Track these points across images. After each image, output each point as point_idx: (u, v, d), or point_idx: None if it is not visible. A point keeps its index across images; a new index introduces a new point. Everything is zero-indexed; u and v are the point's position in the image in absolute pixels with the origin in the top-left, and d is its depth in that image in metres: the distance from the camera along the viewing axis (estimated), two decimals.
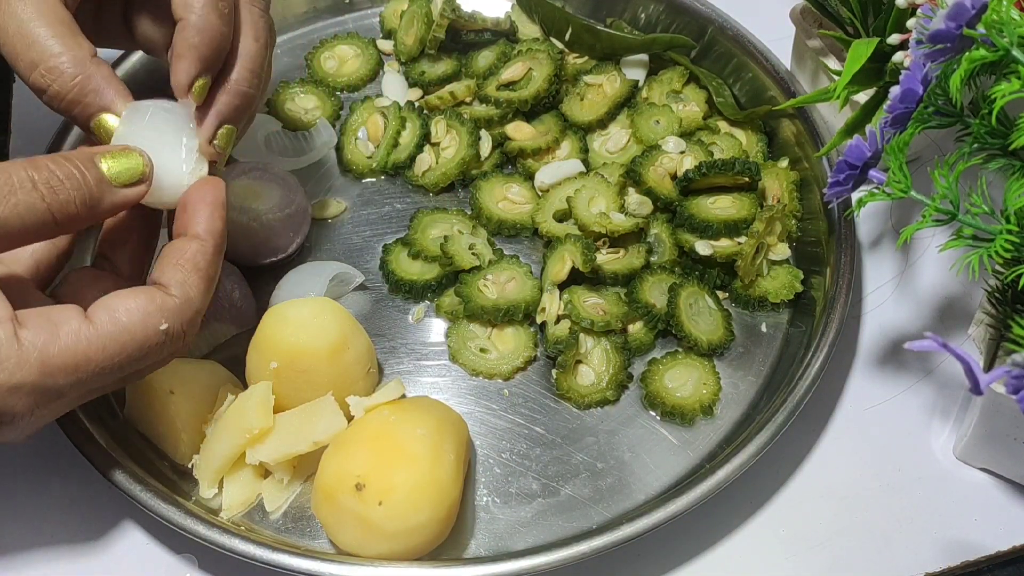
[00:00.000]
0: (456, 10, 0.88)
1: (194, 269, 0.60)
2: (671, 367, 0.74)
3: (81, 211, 0.57)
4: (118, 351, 0.56)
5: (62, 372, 0.54)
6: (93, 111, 0.62)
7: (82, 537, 0.68)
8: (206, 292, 0.61)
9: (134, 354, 0.57)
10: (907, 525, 0.69)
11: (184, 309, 0.59)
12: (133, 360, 0.57)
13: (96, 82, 0.61)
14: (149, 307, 0.57)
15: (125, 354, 0.56)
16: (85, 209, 0.57)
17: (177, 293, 0.59)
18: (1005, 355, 0.64)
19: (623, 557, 0.68)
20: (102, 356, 0.55)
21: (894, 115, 0.60)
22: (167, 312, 0.58)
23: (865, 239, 0.83)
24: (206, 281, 0.61)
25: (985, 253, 0.57)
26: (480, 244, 0.78)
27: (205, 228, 0.61)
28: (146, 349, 0.57)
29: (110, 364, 0.56)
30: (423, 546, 0.64)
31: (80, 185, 0.57)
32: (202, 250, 0.61)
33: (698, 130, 0.85)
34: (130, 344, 0.56)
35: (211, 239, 0.61)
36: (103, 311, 0.56)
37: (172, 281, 0.59)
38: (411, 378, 0.75)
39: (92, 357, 0.55)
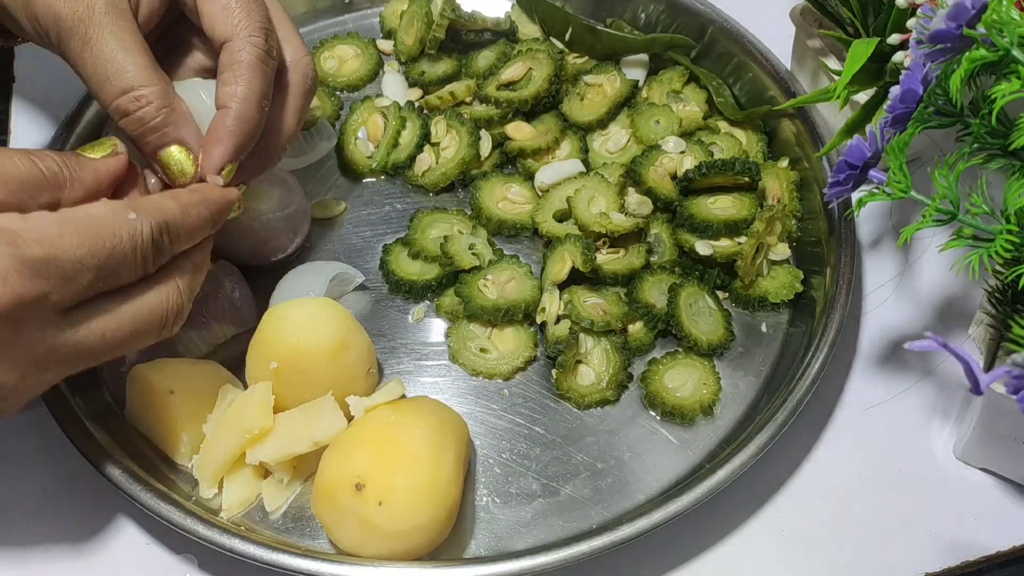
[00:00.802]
0: (456, 10, 0.88)
1: (172, 196, 0.62)
2: (671, 367, 0.74)
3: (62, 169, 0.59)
4: (89, 232, 0.55)
5: (35, 242, 0.53)
6: (168, 141, 0.64)
7: (82, 537, 0.68)
8: (177, 214, 0.61)
9: (107, 242, 0.56)
10: (907, 525, 0.69)
11: (152, 211, 0.59)
12: (107, 250, 0.56)
13: (177, 115, 0.64)
14: (116, 205, 0.58)
15: (96, 238, 0.56)
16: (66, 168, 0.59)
17: (145, 201, 0.60)
18: (1005, 355, 0.64)
19: (623, 557, 0.68)
20: (74, 234, 0.55)
21: (894, 115, 0.60)
22: (136, 205, 0.59)
23: (865, 239, 0.83)
24: (179, 207, 0.61)
25: (985, 253, 0.57)
26: (480, 244, 0.78)
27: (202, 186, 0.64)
28: (118, 238, 0.57)
29: (83, 245, 0.55)
30: (423, 546, 0.64)
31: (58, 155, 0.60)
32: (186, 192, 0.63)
33: (698, 130, 0.85)
34: (100, 229, 0.56)
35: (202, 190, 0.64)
36: (71, 209, 0.58)
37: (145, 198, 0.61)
38: (411, 378, 0.75)
39: (65, 233, 0.55)
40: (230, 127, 0.65)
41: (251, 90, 0.65)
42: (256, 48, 0.65)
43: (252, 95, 0.65)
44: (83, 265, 0.55)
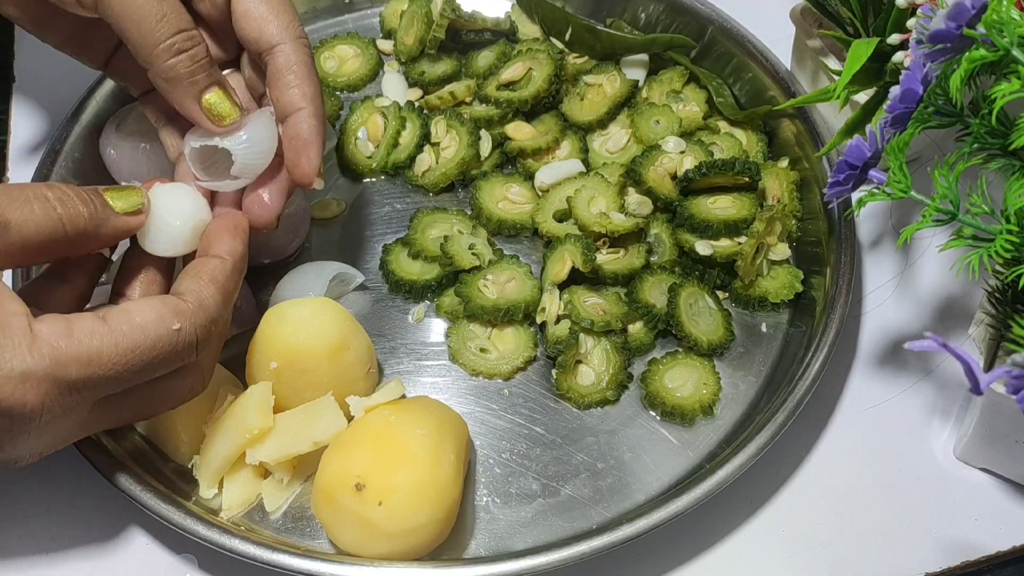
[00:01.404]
0: (456, 10, 0.88)
1: (211, 281, 0.62)
2: (671, 367, 0.74)
3: (89, 225, 0.59)
4: (130, 347, 0.56)
5: (75, 363, 0.54)
6: (215, 80, 0.66)
7: (82, 537, 0.68)
8: (223, 303, 0.62)
9: (147, 353, 0.57)
10: (907, 525, 0.69)
11: (197, 313, 0.60)
12: (146, 361, 0.57)
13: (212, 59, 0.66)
14: (162, 309, 0.58)
15: (138, 352, 0.57)
16: (92, 224, 0.59)
17: (191, 299, 0.60)
18: (1005, 355, 0.64)
19: (623, 557, 0.68)
20: (115, 351, 0.56)
21: (894, 115, 0.60)
22: (180, 314, 0.59)
23: (865, 239, 0.83)
24: (223, 293, 0.62)
25: (985, 253, 0.57)
26: (480, 244, 0.78)
27: (226, 249, 0.64)
28: (159, 349, 0.58)
29: (123, 362, 0.56)
30: (423, 546, 0.64)
31: (87, 201, 0.60)
32: (221, 266, 0.63)
33: (698, 130, 0.85)
34: (143, 342, 0.57)
35: (231, 258, 0.64)
36: (118, 313, 0.57)
37: (187, 290, 0.61)
38: (411, 378, 0.75)
39: (105, 351, 0.55)
40: (315, 125, 0.67)
41: (315, 88, 0.67)
42: (308, 48, 0.67)
43: (317, 93, 0.67)
44: (121, 378, 0.57)
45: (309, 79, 0.67)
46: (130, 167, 0.79)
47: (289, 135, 0.67)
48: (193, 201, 0.66)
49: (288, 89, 0.66)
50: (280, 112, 0.67)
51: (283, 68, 0.66)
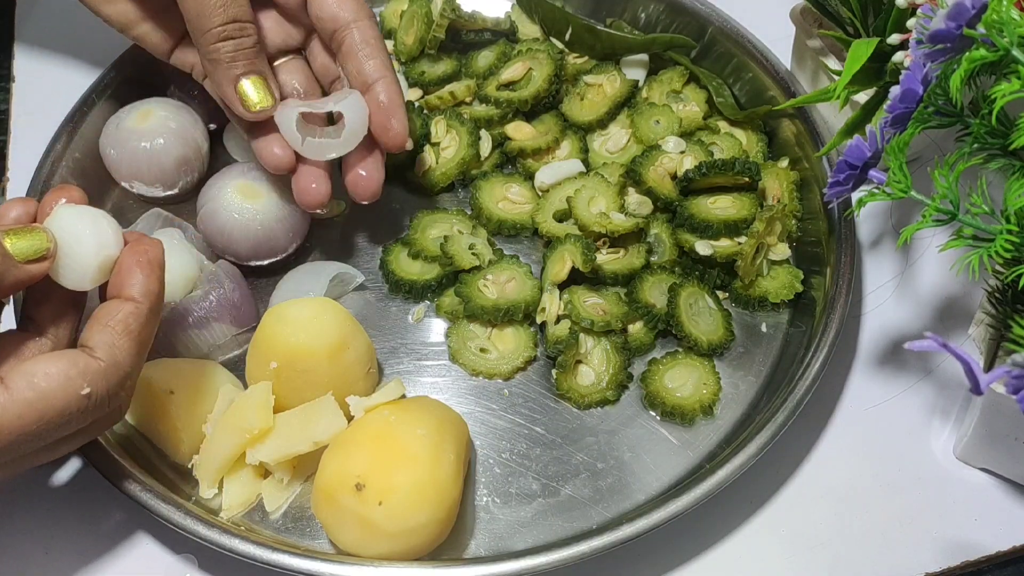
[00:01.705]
0: (456, 10, 0.88)
1: (124, 331, 0.58)
2: (671, 367, 0.74)
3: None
4: (36, 418, 0.54)
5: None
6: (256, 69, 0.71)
7: (82, 537, 0.68)
8: (137, 355, 0.59)
9: (54, 420, 0.55)
10: (907, 525, 0.69)
11: (110, 372, 0.57)
12: (53, 427, 0.55)
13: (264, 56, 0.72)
14: (71, 371, 0.55)
15: (44, 421, 0.54)
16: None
17: (103, 356, 0.57)
18: (1005, 355, 0.64)
19: (623, 557, 0.68)
20: (18, 424, 0.53)
21: (894, 115, 0.60)
22: (90, 375, 0.56)
23: (865, 239, 0.83)
24: (138, 344, 0.59)
25: (985, 253, 0.57)
26: (480, 244, 0.78)
27: (140, 290, 0.60)
28: (67, 415, 0.55)
29: (27, 432, 0.54)
30: (423, 546, 0.64)
31: None
32: (135, 312, 0.59)
33: (698, 130, 0.85)
34: (48, 411, 0.54)
35: (146, 301, 0.60)
36: (20, 377, 0.54)
37: (99, 343, 0.57)
38: (411, 378, 0.75)
39: (5, 425, 0.53)
40: (397, 91, 0.72)
41: (389, 60, 0.72)
42: (376, 26, 0.72)
43: (391, 64, 0.72)
44: (26, 444, 0.55)
45: (384, 51, 0.72)
46: (130, 167, 0.79)
47: (374, 104, 0.72)
48: (101, 229, 0.60)
49: (368, 60, 0.71)
50: (361, 84, 0.72)
51: (360, 43, 0.71)
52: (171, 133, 0.79)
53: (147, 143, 0.79)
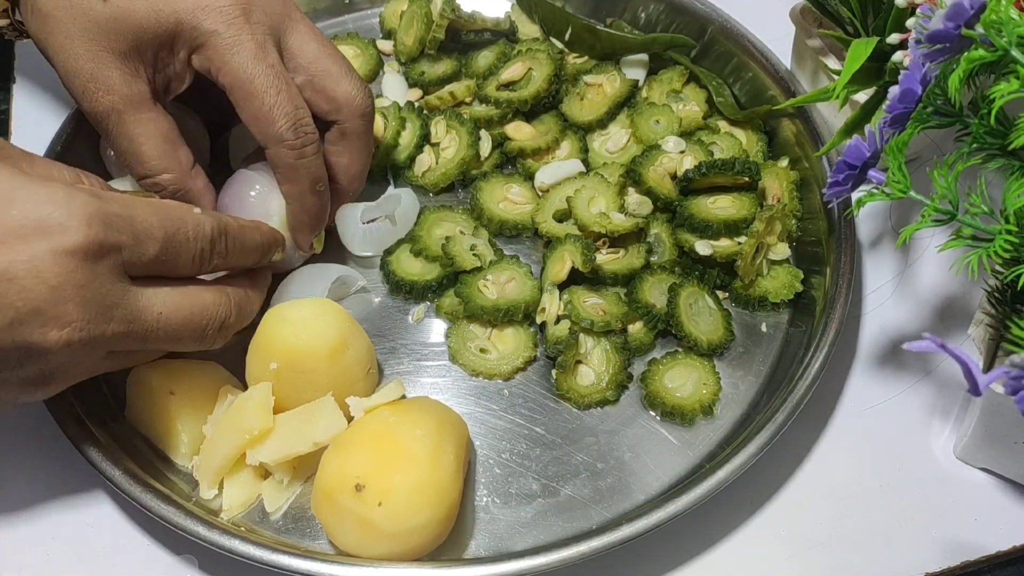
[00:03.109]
0: (456, 10, 0.88)
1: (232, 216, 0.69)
2: (671, 367, 0.74)
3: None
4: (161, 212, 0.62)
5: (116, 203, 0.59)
6: None
7: (82, 537, 0.69)
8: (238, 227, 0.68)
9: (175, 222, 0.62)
10: (907, 525, 0.69)
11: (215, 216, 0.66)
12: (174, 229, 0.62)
13: (193, 194, 0.72)
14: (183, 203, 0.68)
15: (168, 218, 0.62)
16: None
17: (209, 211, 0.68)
18: (1004, 355, 0.64)
19: (623, 557, 0.68)
20: (149, 209, 0.61)
21: (893, 115, 0.60)
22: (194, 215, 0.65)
23: (865, 239, 0.83)
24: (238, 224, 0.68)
25: (984, 253, 0.57)
26: (481, 245, 0.78)
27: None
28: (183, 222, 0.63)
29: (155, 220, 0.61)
30: (423, 547, 0.64)
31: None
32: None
33: (698, 130, 0.85)
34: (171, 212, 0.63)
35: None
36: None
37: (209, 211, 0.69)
38: (411, 378, 0.75)
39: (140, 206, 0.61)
40: (301, 218, 0.74)
41: (301, 187, 0.72)
42: (290, 150, 0.71)
43: (304, 189, 0.72)
44: (153, 233, 0.61)
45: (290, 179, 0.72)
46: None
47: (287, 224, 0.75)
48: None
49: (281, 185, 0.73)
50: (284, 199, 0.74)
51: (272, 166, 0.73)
52: None
53: None
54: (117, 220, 0.59)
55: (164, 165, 0.71)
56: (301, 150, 0.71)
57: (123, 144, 0.70)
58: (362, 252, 0.79)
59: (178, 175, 0.71)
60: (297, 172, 0.71)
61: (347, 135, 0.74)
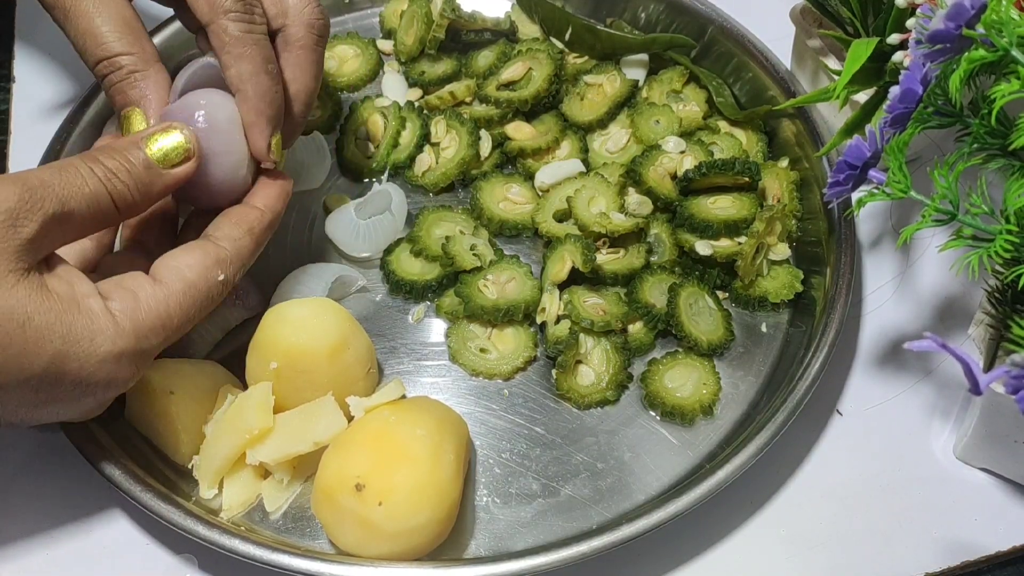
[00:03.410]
0: (456, 10, 0.88)
1: (248, 231, 0.66)
2: (671, 367, 0.74)
3: (136, 197, 0.62)
4: (191, 304, 0.62)
5: (153, 333, 0.60)
6: (129, 101, 0.67)
7: (82, 537, 0.68)
8: (253, 253, 0.66)
9: (202, 304, 0.63)
10: (907, 525, 0.69)
11: (235, 261, 0.65)
12: (201, 309, 0.63)
13: (146, 83, 0.67)
14: (207, 261, 0.63)
15: (196, 305, 0.62)
16: (140, 194, 0.62)
17: (228, 247, 0.64)
18: (1005, 355, 0.64)
19: (623, 557, 0.68)
20: (180, 312, 0.61)
21: (894, 115, 0.60)
22: (222, 264, 0.64)
23: (865, 239, 0.83)
24: (255, 244, 0.66)
25: (985, 253, 0.57)
26: (481, 245, 0.78)
27: (267, 203, 0.68)
28: (210, 298, 0.63)
29: (187, 317, 0.62)
30: (423, 546, 0.64)
31: (129, 173, 0.61)
32: (259, 218, 0.67)
33: (698, 130, 0.85)
34: (199, 296, 0.62)
35: (270, 212, 0.68)
36: (167, 271, 0.62)
37: (226, 236, 0.65)
38: (411, 378, 0.75)
39: (173, 314, 0.61)
40: (255, 105, 0.67)
41: (252, 64, 0.66)
42: (236, 22, 0.66)
43: (255, 68, 0.66)
44: (183, 329, 0.63)
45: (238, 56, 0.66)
46: None
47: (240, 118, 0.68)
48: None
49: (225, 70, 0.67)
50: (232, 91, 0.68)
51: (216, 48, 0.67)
52: None
53: None
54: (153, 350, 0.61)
55: (124, 48, 0.67)
56: (250, 20, 0.66)
57: (81, 25, 0.66)
58: (361, 253, 0.79)
59: (140, 59, 0.67)
60: (246, 46, 0.66)
61: (290, 45, 0.69)
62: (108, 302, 0.59)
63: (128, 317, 0.59)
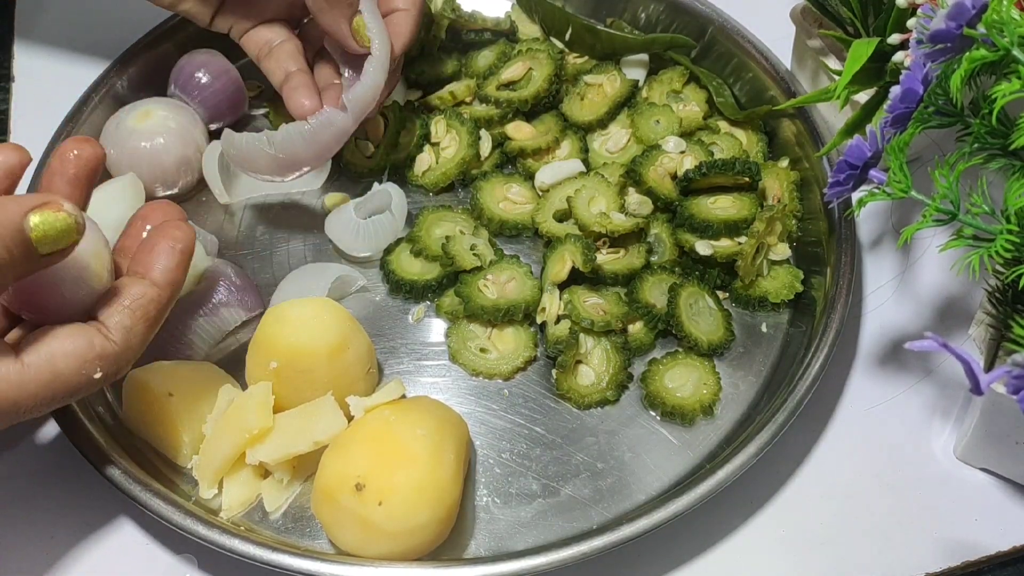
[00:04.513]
0: (456, 10, 0.88)
1: (143, 317, 0.59)
2: (671, 367, 0.74)
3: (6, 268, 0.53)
4: (48, 395, 0.55)
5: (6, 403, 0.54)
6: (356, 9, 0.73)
7: (82, 537, 0.68)
8: (145, 341, 0.60)
9: (62, 395, 0.56)
10: (907, 525, 0.69)
11: (121, 357, 0.58)
12: (60, 400, 0.56)
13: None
14: (88, 354, 0.56)
15: (53, 396, 0.56)
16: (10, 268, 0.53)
17: (118, 339, 0.58)
18: (1005, 355, 0.64)
19: (623, 557, 0.68)
20: (32, 402, 0.55)
21: (894, 115, 0.60)
22: (105, 360, 0.57)
23: (865, 239, 0.83)
24: (150, 331, 0.60)
25: (985, 253, 0.57)
26: (481, 245, 0.78)
27: (166, 277, 0.61)
28: (76, 391, 0.57)
29: (37, 405, 0.55)
30: (423, 546, 0.64)
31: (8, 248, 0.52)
32: (157, 299, 0.60)
33: (698, 130, 0.85)
34: (61, 389, 0.56)
35: (169, 289, 0.61)
36: (37, 355, 0.55)
37: (116, 325, 0.58)
38: (411, 378, 0.75)
39: (20, 402, 0.54)
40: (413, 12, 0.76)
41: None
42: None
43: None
44: (36, 410, 0.56)
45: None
46: (130, 166, 0.79)
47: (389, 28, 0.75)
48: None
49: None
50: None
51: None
52: (171, 133, 0.79)
53: (147, 143, 0.79)
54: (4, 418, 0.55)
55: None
56: None
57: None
58: (361, 253, 0.79)
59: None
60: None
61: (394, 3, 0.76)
62: None
63: None
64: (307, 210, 0.83)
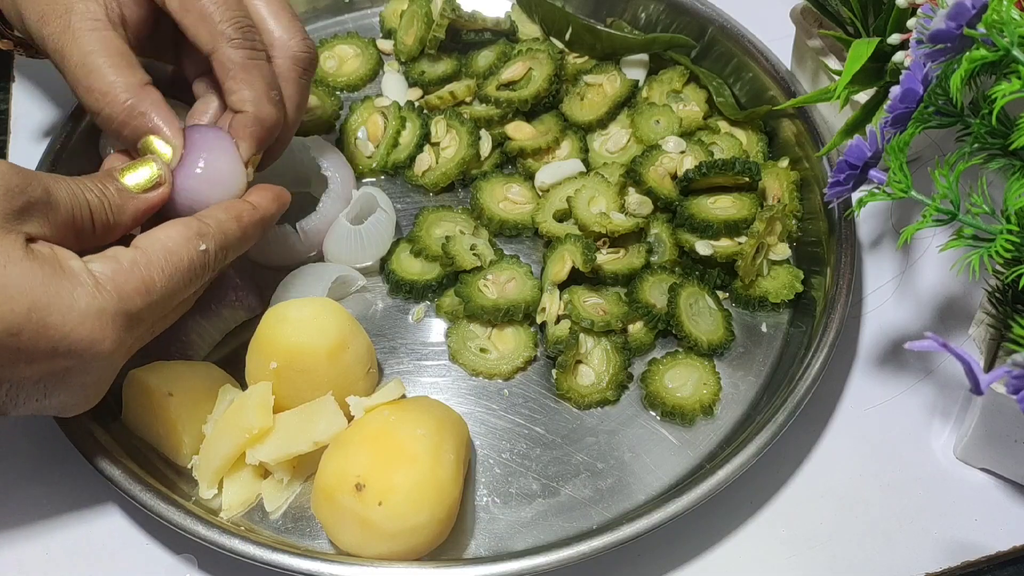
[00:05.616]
0: (456, 10, 0.88)
1: (235, 217, 0.66)
2: (671, 367, 0.74)
3: (111, 216, 0.63)
4: (173, 271, 0.62)
5: (136, 294, 0.60)
6: (141, 133, 0.67)
7: (82, 537, 0.68)
8: (239, 239, 0.66)
9: (185, 273, 0.62)
10: (907, 525, 0.69)
11: (217, 236, 0.64)
12: (185, 279, 0.63)
13: (145, 107, 0.67)
14: (188, 232, 0.63)
15: (179, 273, 0.62)
16: (114, 214, 0.63)
17: (212, 223, 0.65)
18: (1005, 355, 0.64)
19: (623, 557, 0.68)
20: (162, 277, 0.61)
21: (894, 115, 0.60)
22: (204, 236, 0.64)
23: (865, 239, 0.83)
24: (241, 231, 0.66)
25: (985, 253, 0.57)
26: (481, 244, 0.78)
27: (259, 202, 0.68)
28: (192, 269, 0.63)
29: (170, 284, 0.61)
30: (423, 546, 0.64)
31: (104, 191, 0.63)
32: (249, 210, 0.67)
33: (698, 130, 0.85)
34: (180, 265, 0.62)
35: (261, 210, 0.68)
36: (147, 240, 0.62)
37: (210, 215, 0.65)
38: (411, 378, 0.75)
39: (155, 278, 0.61)
40: (250, 128, 0.68)
41: (256, 90, 0.68)
42: (240, 48, 0.68)
43: (260, 93, 0.68)
44: (168, 299, 0.62)
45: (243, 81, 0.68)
46: None
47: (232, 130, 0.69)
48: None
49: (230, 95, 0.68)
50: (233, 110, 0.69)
51: (221, 76, 0.68)
52: None
53: None
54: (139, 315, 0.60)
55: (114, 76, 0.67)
56: (251, 47, 0.68)
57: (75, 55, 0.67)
58: (366, 262, 0.78)
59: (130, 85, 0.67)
60: (250, 72, 0.68)
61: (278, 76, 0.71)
62: (90, 263, 0.59)
63: (109, 278, 0.59)
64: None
